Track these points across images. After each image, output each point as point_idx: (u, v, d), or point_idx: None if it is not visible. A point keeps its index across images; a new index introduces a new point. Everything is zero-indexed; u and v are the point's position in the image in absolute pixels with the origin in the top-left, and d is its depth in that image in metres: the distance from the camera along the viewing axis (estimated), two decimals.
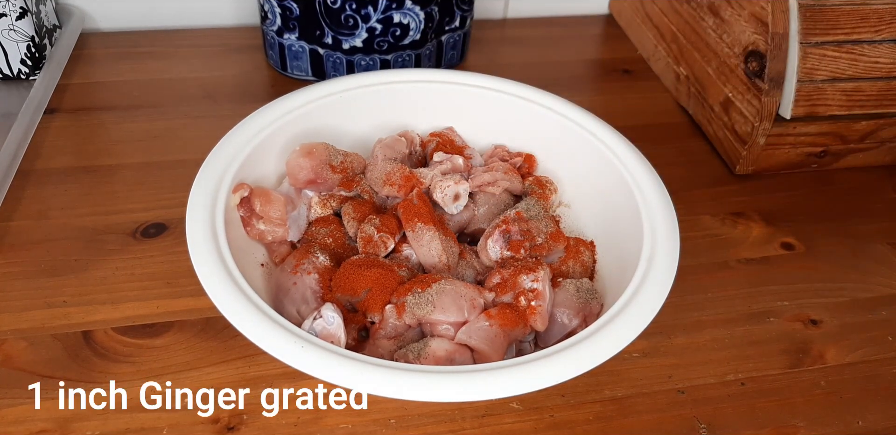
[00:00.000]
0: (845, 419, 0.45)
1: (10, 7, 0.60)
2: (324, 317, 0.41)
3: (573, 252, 0.49)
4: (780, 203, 0.61)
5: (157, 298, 0.48)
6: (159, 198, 0.56)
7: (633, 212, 0.47)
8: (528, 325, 0.43)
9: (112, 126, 0.63)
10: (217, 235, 0.43)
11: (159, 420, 0.42)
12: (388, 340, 0.43)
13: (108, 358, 0.45)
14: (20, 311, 0.47)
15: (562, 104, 0.54)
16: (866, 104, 0.58)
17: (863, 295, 0.54)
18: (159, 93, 0.67)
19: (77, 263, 0.50)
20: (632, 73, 0.75)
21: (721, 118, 0.63)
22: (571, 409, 0.44)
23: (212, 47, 0.74)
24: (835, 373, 0.48)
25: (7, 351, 0.45)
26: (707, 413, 0.45)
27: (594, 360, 0.38)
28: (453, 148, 0.55)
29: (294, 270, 0.45)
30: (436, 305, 0.42)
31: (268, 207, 0.48)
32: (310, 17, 0.64)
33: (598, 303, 0.45)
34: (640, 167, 0.50)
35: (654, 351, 0.48)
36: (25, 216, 0.53)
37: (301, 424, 0.42)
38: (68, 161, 0.59)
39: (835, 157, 0.63)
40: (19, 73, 0.65)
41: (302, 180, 0.49)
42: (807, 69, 0.56)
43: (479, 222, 0.51)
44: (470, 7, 0.70)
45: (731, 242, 0.57)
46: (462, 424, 0.43)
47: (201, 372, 0.44)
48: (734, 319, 0.51)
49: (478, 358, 0.42)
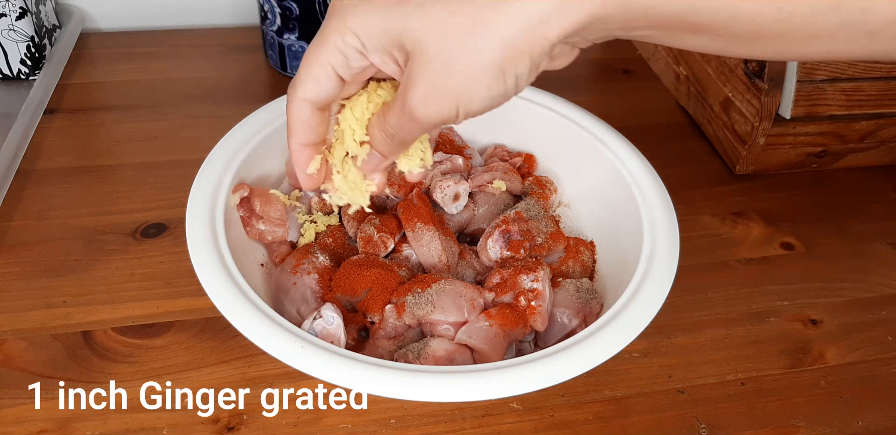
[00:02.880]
0: (845, 419, 0.45)
1: (10, 7, 0.60)
2: (324, 317, 0.41)
3: (573, 252, 0.49)
4: (779, 203, 0.61)
5: (157, 298, 0.48)
6: (159, 198, 0.56)
7: (633, 212, 0.47)
8: (527, 325, 0.43)
9: (112, 126, 0.63)
10: (217, 235, 0.43)
11: (159, 420, 0.42)
12: (388, 340, 0.43)
13: (108, 358, 0.45)
14: (20, 311, 0.47)
15: (562, 104, 0.54)
16: (866, 104, 0.58)
17: (863, 295, 0.54)
18: (159, 93, 0.67)
19: (77, 263, 0.50)
20: (632, 73, 0.75)
21: (721, 118, 0.63)
22: (571, 409, 0.44)
23: (212, 47, 0.74)
24: (835, 373, 0.48)
25: (7, 351, 0.45)
26: (707, 413, 0.45)
27: (594, 360, 0.38)
28: (453, 148, 0.55)
29: (294, 270, 0.45)
30: (436, 305, 0.42)
31: (268, 207, 0.48)
32: (310, 17, 0.64)
33: (597, 303, 0.45)
34: (640, 167, 0.50)
35: (653, 351, 0.48)
36: (25, 216, 0.53)
37: (301, 424, 0.42)
38: (68, 161, 0.59)
39: (835, 157, 0.63)
40: (19, 73, 0.65)
41: None
42: (806, 69, 0.56)
43: (478, 222, 0.51)
44: None
45: (731, 241, 0.57)
46: (462, 424, 0.43)
47: (201, 372, 0.44)
48: (734, 319, 0.51)
49: (478, 358, 0.42)
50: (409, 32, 0.29)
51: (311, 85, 0.32)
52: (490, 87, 0.29)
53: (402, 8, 0.28)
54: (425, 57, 0.29)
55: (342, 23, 0.30)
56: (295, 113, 0.34)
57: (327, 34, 0.31)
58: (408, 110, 0.31)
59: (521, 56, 0.28)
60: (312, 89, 0.32)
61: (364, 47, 0.30)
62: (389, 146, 0.35)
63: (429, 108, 0.30)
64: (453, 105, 0.30)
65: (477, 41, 0.28)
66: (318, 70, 0.32)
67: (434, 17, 0.28)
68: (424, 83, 0.29)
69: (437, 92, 0.30)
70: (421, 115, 0.31)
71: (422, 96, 0.30)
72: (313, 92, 0.32)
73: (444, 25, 0.28)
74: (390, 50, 0.30)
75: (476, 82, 0.29)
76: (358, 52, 0.31)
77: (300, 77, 0.32)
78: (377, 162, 0.36)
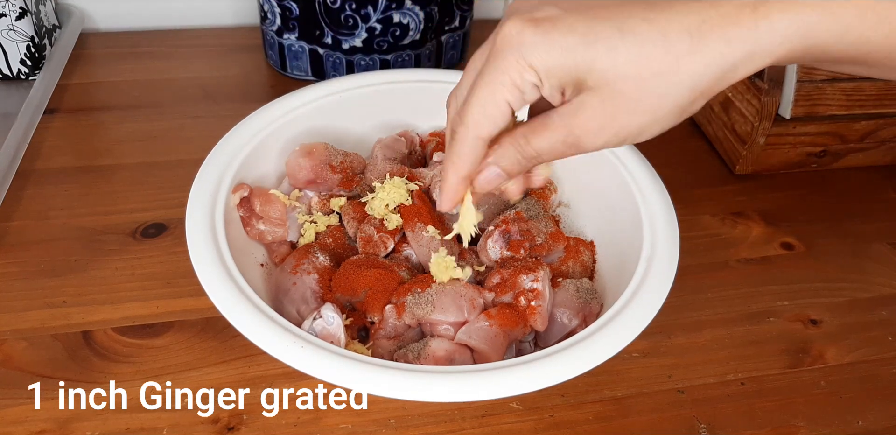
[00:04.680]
0: (845, 419, 0.45)
1: (10, 7, 0.60)
2: (324, 317, 0.41)
3: (573, 252, 0.49)
4: (779, 203, 0.61)
5: (157, 298, 0.48)
6: (159, 198, 0.56)
7: (633, 212, 0.47)
8: (527, 325, 0.43)
9: (112, 126, 0.63)
10: (217, 235, 0.43)
11: (159, 420, 0.42)
12: (387, 340, 0.43)
13: (108, 358, 0.45)
14: (20, 311, 0.47)
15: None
16: (866, 104, 0.58)
17: (863, 295, 0.54)
18: (159, 93, 0.67)
19: (77, 263, 0.50)
20: None
21: (721, 118, 0.63)
22: (571, 409, 0.44)
23: (212, 47, 0.74)
24: (835, 373, 0.48)
25: (7, 351, 0.45)
26: (707, 413, 0.45)
27: (594, 360, 0.38)
28: None
29: (294, 270, 0.45)
30: (435, 305, 0.42)
31: (268, 207, 0.48)
32: (309, 17, 0.64)
33: (597, 303, 0.45)
34: (639, 167, 0.49)
35: (653, 351, 0.48)
36: (25, 216, 0.53)
37: (301, 424, 0.42)
38: (68, 161, 0.59)
39: (835, 157, 0.63)
40: (19, 73, 0.65)
41: (302, 180, 0.49)
42: (806, 69, 0.56)
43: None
44: (470, 7, 0.70)
45: (731, 241, 0.57)
46: (462, 424, 0.43)
47: (201, 372, 0.44)
48: (734, 319, 0.51)
49: (478, 358, 0.42)
50: (596, 72, 0.30)
51: (486, 123, 0.33)
52: (665, 126, 0.31)
53: (590, 48, 0.29)
54: (609, 94, 0.30)
55: (521, 60, 0.30)
56: (468, 150, 0.34)
57: (504, 71, 0.31)
58: (573, 138, 0.32)
59: (703, 98, 0.30)
60: (488, 127, 0.33)
61: (541, 82, 0.31)
62: (521, 167, 0.35)
63: (599, 139, 0.31)
64: (624, 139, 0.31)
65: (668, 86, 0.29)
66: (493, 109, 0.32)
67: (626, 59, 0.29)
68: (603, 118, 0.31)
69: (613, 126, 0.31)
70: (588, 145, 0.32)
71: (596, 128, 0.31)
72: (488, 130, 0.33)
73: (637, 67, 0.29)
74: (565, 85, 0.31)
75: (656, 122, 0.31)
76: (535, 86, 0.31)
77: (474, 116, 0.33)
78: (499, 181, 0.36)
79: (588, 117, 0.31)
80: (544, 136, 0.33)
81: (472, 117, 0.33)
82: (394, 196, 0.47)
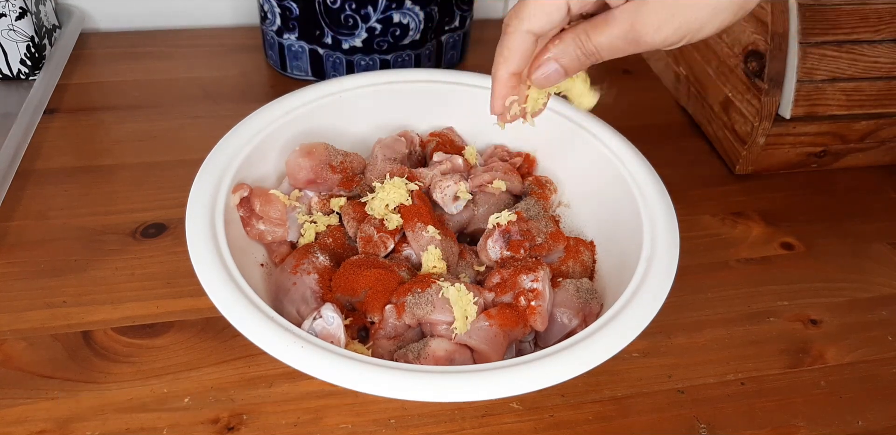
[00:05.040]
0: (845, 419, 0.45)
1: (10, 7, 0.60)
2: (323, 317, 0.41)
3: (573, 252, 0.49)
4: (779, 203, 0.61)
5: (157, 298, 0.48)
6: (159, 198, 0.56)
7: (632, 212, 0.47)
8: (527, 325, 0.43)
9: (112, 126, 0.63)
10: (217, 235, 0.43)
11: (159, 420, 0.42)
12: (387, 340, 0.43)
13: (108, 358, 0.45)
14: (20, 311, 0.47)
15: (561, 104, 0.54)
16: (866, 104, 0.58)
17: (863, 295, 0.54)
18: (159, 93, 0.67)
19: (77, 263, 0.50)
20: (632, 73, 0.75)
21: (721, 118, 0.63)
22: (571, 409, 0.44)
23: (212, 47, 0.74)
24: (835, 373, 0.48)
25: (7, 351, 0.45)
26: (707, 413, 0.45)
27: (594, 360, 0.38)
28: (453, 148, 0.55)
29: (294, 270, 0.45)
30: (435, 305, 0.42)
31: (268, 207, 0.48)
32: (309, 17, 0.64)
33: (597, 303, 0.45)
34: (640, 167, 0.50)
35: (653, 351, 0.48)
36: (25, 216, 0.53)
37: (301, 424, 0.42)
38: (68, 161, 0.59)
39: (835, 156, 0.63)
40: (19, 73, 0.65)
41: (302, 180, 0.49)
42: (806, 69, 0.56)
43: (478, 222, 0.51)
44: (470, 7, 0.70)
45: (731, 241, 0.57)
46: (462, 424, 0.43)
47: (201, 372, 0.44)
48: (734, 319, 0.51)
49: (478, 358, 0.42)
50: None
51: (540, 17, 0.33)
52: (724, 21, 0.31)
53: None
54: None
55: None
56: (516, 43, 0.34)
57: None
58: (634, 34, 0.32)
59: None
60: (541, 20, 0.33)
61: None
62: (580, 64, 0.35)
63: (660, 34, 0.32)
64: (684, 34, 0.32)
65: None
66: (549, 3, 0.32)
67: None
68: (664, 13, 0.31)
69: (674, 22, 0.31)
70: (648, 41, 0.32)
71: (657, 24, 0.31)
72: (540, 24, 0.33)
73: None
74: None
75: (715, 16, 0.31)
76: None
77: (527, 9, 0.33)
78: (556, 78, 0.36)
79: (650, 11, 0.31)
80: (605, 32, 0.33)
81: (527, 10, 0.33)
82: (394, 196, 0.47)
